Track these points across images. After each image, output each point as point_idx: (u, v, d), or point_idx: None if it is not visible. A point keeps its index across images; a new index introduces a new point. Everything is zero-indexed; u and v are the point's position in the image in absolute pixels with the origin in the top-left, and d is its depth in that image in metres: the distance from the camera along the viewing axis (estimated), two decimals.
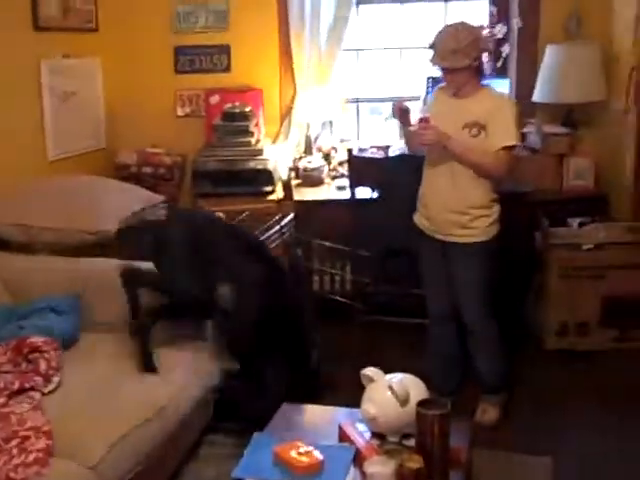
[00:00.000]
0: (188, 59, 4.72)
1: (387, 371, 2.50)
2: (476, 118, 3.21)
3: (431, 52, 3.25)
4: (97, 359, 2.95)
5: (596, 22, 4.56)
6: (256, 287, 3.13)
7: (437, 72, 4.72)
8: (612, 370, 3.94)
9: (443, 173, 3.29)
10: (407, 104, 3.38)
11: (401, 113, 3.33)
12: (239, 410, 3.21)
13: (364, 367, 2.51)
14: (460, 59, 3.16)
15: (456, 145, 3.18)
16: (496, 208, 3.34)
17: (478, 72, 3.29)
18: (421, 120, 3.20)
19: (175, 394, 2.87)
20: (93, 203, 3.49)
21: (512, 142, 3.21)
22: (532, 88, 4.56)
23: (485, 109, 3.21)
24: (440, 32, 3.24)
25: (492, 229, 3.33)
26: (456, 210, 3.27)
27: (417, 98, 4.68)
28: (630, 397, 3.67)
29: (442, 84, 3.43)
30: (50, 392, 2.68)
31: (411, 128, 3.28)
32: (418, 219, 3.47)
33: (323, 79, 4.63)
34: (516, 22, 4.65)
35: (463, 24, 3.24)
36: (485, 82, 3.39)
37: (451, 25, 3.25)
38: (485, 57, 3.36)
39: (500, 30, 4.70)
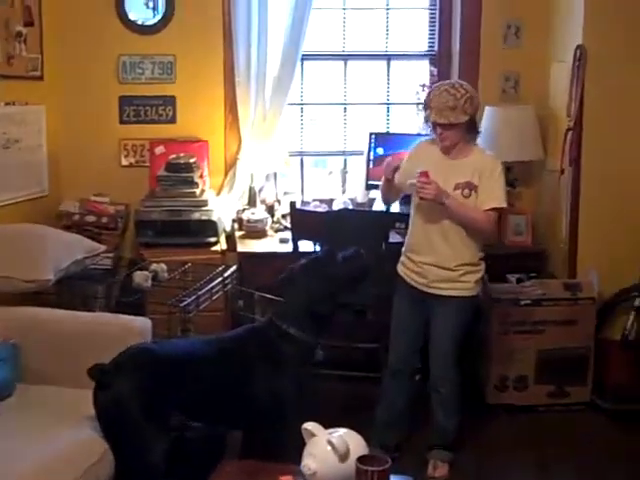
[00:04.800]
0: (133, 109, 4.71)
1: (328, 426, 2.50)
2: (469, 179, 3.23)
3: (425, 111, 3.26)
4: (33, 410, 2.87)
5: (532, 84, 4.74)
6: None
7: (385, 129, 4.90)
8: (547, 426, 4.00)
9: (435, 230, 3.30)
10: (397, 162, 3.34)
11: (393, 171, 3.31)
12: None
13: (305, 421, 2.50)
14: (459, 115, 3.17)
15: (453, 202, 3.19)
16: (483, 265, 3.39)
17: (470, 130, 3.30)
18: (421, 174, 3.14)
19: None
20: (31, 251, 3.41)
21: (501, 204, 3.28)
22: None
23: (477, 170, 3.24)
24: (434, 90, 3.27)
25: (479, 285, 3.38)
26: (447, 267, 3.30)
27: (360, 153, 4.78)
28: (564, 455, 3.72)
29: (425, 139, 3.45)
30: None
31: (410, 182, 3.19)
32: (402, 270, 3.46)
33: (268, 132, 4.68)
34: None
35: (458, 82, 3.29)
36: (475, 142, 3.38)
37: (446, 83, 3.30)
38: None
39: None
